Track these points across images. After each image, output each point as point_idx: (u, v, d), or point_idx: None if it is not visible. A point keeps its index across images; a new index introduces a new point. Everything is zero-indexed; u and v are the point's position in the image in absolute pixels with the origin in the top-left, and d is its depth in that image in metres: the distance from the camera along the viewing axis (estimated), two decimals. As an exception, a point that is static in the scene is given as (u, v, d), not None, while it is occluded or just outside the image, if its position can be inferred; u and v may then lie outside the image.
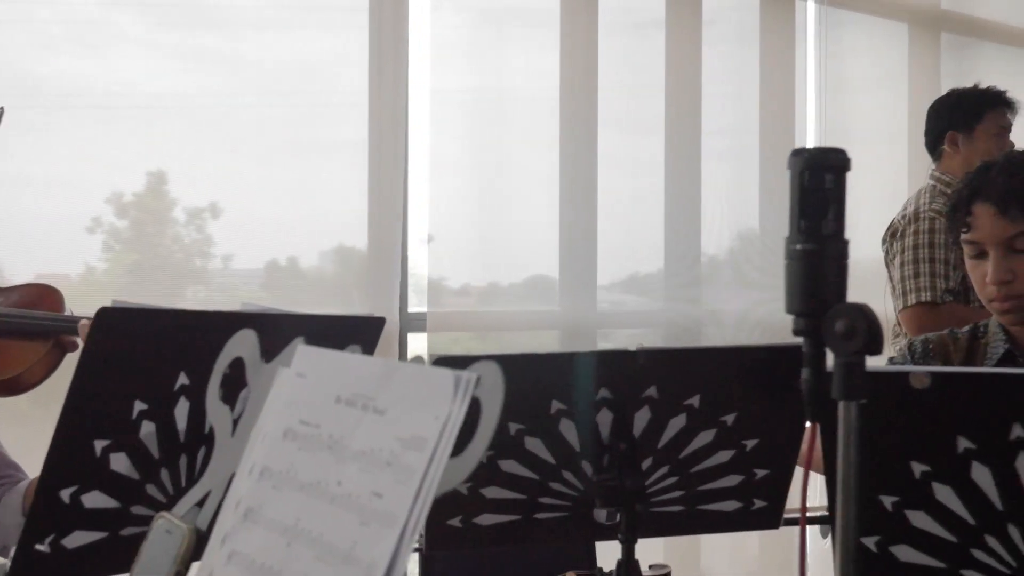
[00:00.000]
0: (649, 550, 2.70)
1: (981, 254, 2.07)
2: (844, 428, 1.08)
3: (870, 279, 4.22)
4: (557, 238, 3.97)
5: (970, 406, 1.38)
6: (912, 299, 3.24)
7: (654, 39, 4.19)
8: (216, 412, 1.15)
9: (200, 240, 3.51)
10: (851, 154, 4.00)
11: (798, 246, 1.11)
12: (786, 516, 2.41)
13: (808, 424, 1.14)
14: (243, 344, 1.15)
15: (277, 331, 1.20)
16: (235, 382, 1.16)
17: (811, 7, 4.57)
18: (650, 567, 2.02)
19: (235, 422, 1.13)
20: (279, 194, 3.55)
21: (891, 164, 4.73)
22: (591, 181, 3.99)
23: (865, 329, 1.06)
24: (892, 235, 3.43)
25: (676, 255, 4.21)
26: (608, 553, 1.74)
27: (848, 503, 1.09)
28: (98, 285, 3.33)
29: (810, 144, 4.53)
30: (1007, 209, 2.00)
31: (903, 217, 3.43)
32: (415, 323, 3.72)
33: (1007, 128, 3.51)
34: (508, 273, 4.02)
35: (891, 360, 2.24)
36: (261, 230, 3.53)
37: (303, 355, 1.06)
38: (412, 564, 2.89)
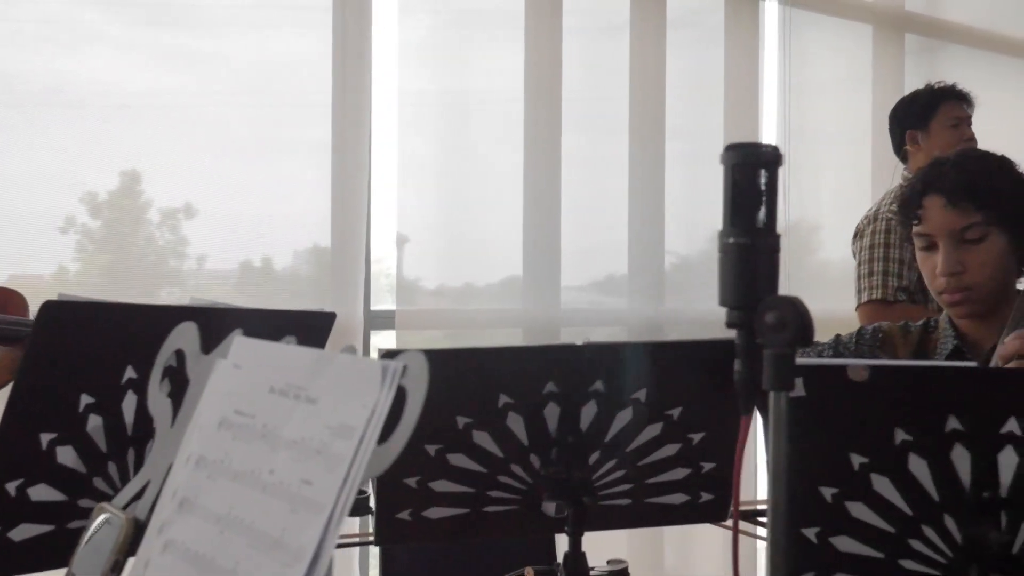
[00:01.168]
0: (611, 545, 2.72)
1: (931, 246, 2.09)
2: (775, 418, 1.10)
3: (839, 278, 4.27)
4: (521, 238, 3.99)
5: (907, 399, 1.40)
6: (864, 296, 3.33)
7: (618, 41, 4.22)
8: (157, 403, 1.16)
9: (174, 241, 3.51)
10: (815, 155, 4.09)
11: (731, 240, 1.13)
12: (742, 509, 2.43)
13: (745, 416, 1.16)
14: (184, 336, 1.16)
15: (221, 325, 1.21)
16: (176, 374, 1.17)
17: (775, 9, 4.61)
18: (608, 562, 2.04)
19: (175, 413, 1.14)
20: (253, 194, 3.56)
21: (855, 165, 4.77)
22: (555, 182, 4.02)
23: (795, 321, 1.07)
24: (856, 236, 3.51)
25: (640, 255, 4.24)
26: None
27: (779, 492, 1.11)
28: (71, 286, 3.31)
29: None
30: (957, 201, 2.03)
31: (865, 218, 3.49)
32: (379, 321, 3.74)
33: (963, 119, 3.59)
34: (479, 273, 4.04)
35: (837, 338, 2.25)
36: (235, 230, 3.53)
37: (240, 347, 1.08)
38: (373, 559, 2.91)
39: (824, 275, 4.69)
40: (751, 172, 1.12)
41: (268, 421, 1.00)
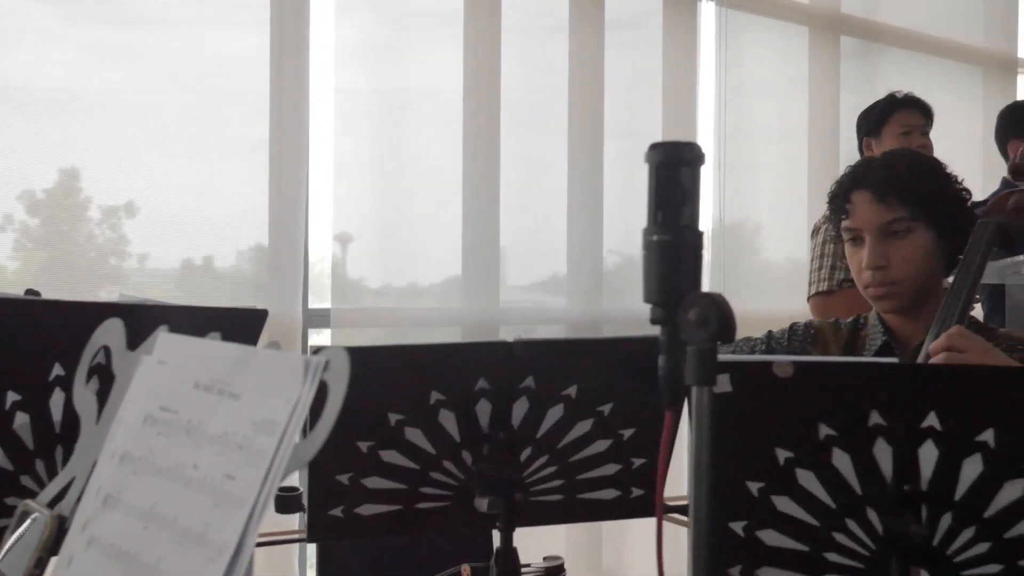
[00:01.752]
0: (550, 542, 2.74)
1: (859, 240, 2.13)
2: (697, 413, 1.11)
3: (781, 277, 4.33)
4: (461, 237, 3.99)
5: (830, 394, 1.42)
6: (812, 290, 3.41)
7: (557, 41, 4.24)
8: (82, 400, 1.16)
9: (115, 239, 3.47)
10: (753, 155, 4.12)
11: (654, 237, 1.14)
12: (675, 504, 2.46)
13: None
14: (110, 333, 1.16)
15: (148, 321, 1.21)
16: (102, 370, 1.16)
17: (712, 11, 4.65)
18: (544, 559, 2.05)
19: (100, 410, 1.14)
20: (194, 193, 3.53)
21: (792, 165, 4.82)
22: (494, 181, 4.03)
23: (717, 317, 1.09)
24: (812, 233, 3.60)
25: (579, 255, 4.26)
26: (521, 545, 1.76)
27: (700, 487, 1.12)
28: (8, 284, 3.28)
29: (711, 146, 4.60)
30: (883, 196, 2.06)
31: (822, 216, 3.54)
32: (317, 320, 3.73)
33: (915, 126, 3.67)
34: (422, 273, 4.04)
35: (770, 334, 2.28)
36: (177, 229, 3.51)
37: (164, 343, 1.08)
38: (310, 555, 2.90)
39: (767, 274, 4.74)
40: (674, 170, 1.14)
41: (192, 417, 1.00)
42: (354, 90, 3.82)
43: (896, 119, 3.68)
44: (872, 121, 3.73)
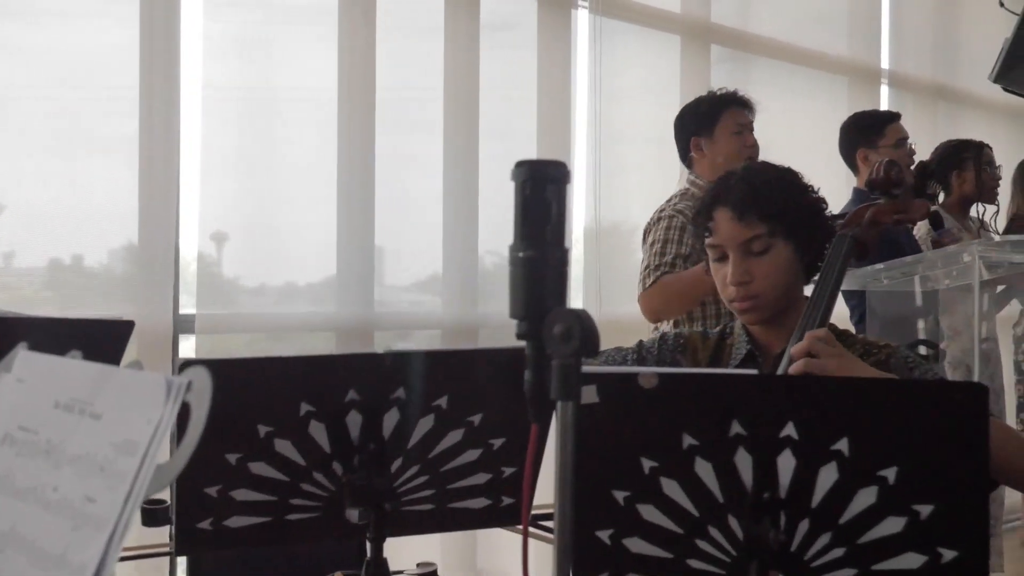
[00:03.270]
0: (424, 547, 2.74)
1: (723, 257, 2.17)
2: (562, 427, 1.14)
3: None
4: (335, 238, 3.97)
5: (693, 405, 1.46)
6: (640, 289, 3.41)
7: (433, 42, 4.24)
8: (-63, 418, 1.13)
9: (-21, 237, 3.37)
10: (625, 159, 4.16)
11: (520, 253, 1.16)
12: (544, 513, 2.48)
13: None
14: (-34, 349, 1.13)
15: (8, 335, 1.18)
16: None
17: (586, 17, 4.70)
18: (417, 565, 2.06)
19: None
20: (62, 189, 3.44)
21: (663, 170, 4.90)
22: (369, 181, 4.01)
23: (580, 332, 1.11)
24: (644, 235, 3.58)
25: (454, 257, 4.27)
26: (395, 552, 1.76)
27: (565, 498, 1.14)
28: None
29: (583, 149, 4.65)
30: (744, 214, 2.11)
31: (650, 220, 3.57)
32: (187, 325, 3.67)
33: (745, 125, 3.61)
34: (294, 273, 4.00)
35: (640, 343, 2.32)
36: (44, 226, 3.41)
37: (23, 361, 1.06)
38: (180, 568, 2.86)
39: (632, 276, 4.79)
40: (540, 188, 1.16)
41: (52, 437, 0.98)
42: (225, 86, 3.76)
43: (728, 117, 3.60)
44: (701, 120, 3.64)
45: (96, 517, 0.90)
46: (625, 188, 4.79)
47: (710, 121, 3.60)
